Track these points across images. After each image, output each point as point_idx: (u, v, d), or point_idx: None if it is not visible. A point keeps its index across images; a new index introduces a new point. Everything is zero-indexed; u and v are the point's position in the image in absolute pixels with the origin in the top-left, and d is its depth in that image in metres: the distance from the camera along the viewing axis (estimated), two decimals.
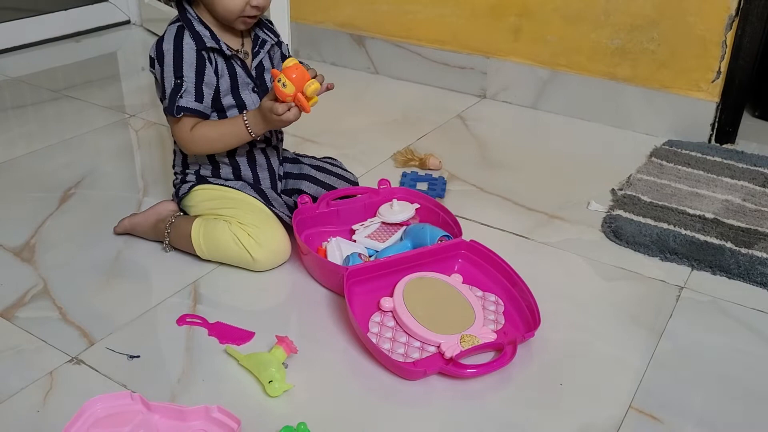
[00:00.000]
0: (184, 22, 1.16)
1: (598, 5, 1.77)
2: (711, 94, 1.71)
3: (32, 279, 1.17)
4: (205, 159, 1.24)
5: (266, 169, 1.28)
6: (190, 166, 1.26)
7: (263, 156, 1.27)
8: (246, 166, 1.25)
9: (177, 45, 1.14)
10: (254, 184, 1.26)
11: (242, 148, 1.23)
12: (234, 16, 1.14)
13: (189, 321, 1.08)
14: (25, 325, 1.07)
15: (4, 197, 1.43)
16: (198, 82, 1.14)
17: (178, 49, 1.14)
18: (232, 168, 1.25)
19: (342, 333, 1.07)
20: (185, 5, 1.17)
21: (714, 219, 1.38)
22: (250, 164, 1.26)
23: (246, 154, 1.25)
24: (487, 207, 1.45)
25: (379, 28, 2.13)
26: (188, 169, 1.26)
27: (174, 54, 1.14)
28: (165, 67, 1.14)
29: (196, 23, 1.16)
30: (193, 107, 1.14)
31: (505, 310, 1.12)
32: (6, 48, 2.25)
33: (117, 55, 2.37)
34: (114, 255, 1.25)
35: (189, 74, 1.13)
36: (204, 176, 1.25)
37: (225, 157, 1.24)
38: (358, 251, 1.20)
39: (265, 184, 1.28)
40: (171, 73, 1.14)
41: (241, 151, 1.24)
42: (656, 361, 1.04)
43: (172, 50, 1.14)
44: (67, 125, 1.76)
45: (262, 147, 1.26)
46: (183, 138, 1.17)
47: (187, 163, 1.26)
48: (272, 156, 1.29)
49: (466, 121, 1.87)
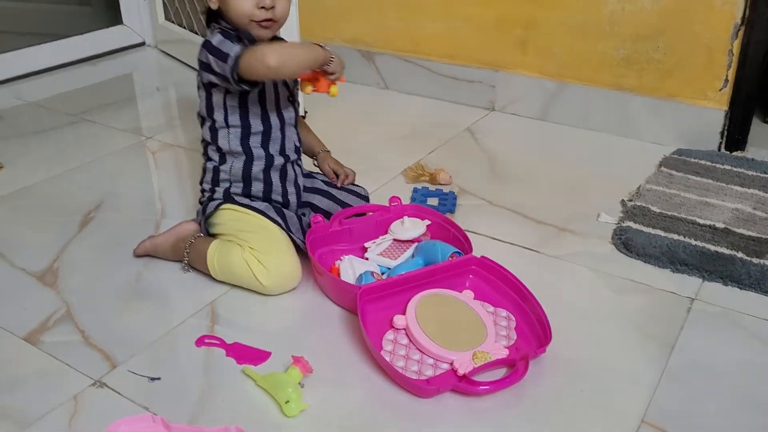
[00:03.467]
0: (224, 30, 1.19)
1: (602, 16, 1.79)
2: (719, 102, 1.72)
3: (55, 303, 1.21)
4: (239, 176, 1.27)
5: (294, 184, 1.32)
6: (220, 183, 1.28)
7: (293, 171, 1.31)
8: (278, 180, 1.29)
9: (225, 34, 1.17)
10: (282, 200, 1.30)
11: (277, 161, 1.27)
12: (246, 20, 1.17)
13: (207, 342, 1.11)
14: (49, 349, 1.10)
15: (27, 222, 1.47)
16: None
17: (226, 35, 1.17)
18: (264, 184, 1.28)
19: (356, 351, 1.10)
20: (220, 21, 1.21)
21: (724, 228, 1.39)
22: (282, 179, 1.29)
23: (280, 168, 1.28)
24: (497, 221, 1.46)
25: (387, 43, 2.16)
26: (218, 186, 1.29)
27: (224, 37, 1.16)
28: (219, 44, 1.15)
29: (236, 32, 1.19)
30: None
31: (516, 325, 1.14)
32: (25, 73, 2.30)
33: (133, 76, 2.42)
34: (134, 277, 1.28)
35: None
36: (233, 194, 1.28)
37: (260, 173, 1.27)
38: (371, 269, 1.23)
39: (292, 199, 1.32)
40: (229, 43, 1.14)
41: (276, 165, 1.28)
42: (668, 374, 1.05)
43: (220, 36, 1.16)
44: (85, 149, 1.80)
45: (294, 159, 1.30)
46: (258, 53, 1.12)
47: (218, 180, 1.28)
48: (298, 172, 1.33)
49: (475, 135, 1.89)
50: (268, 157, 1.27)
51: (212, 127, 1.26)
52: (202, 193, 1.32)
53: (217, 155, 1.28)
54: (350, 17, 2.20)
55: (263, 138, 1.26)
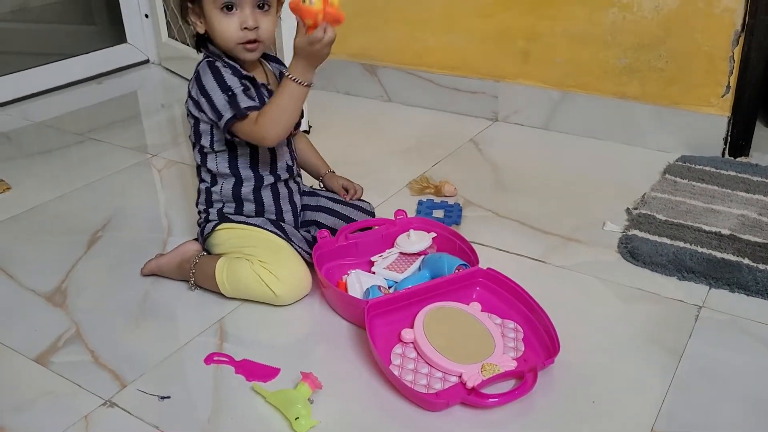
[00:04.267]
0: (213, 57, 1.21)
1: (603, 26, 1.80)
2: (722, 108, 1.72)
3: (65, 323, 1.22)
4: (229, 196, 1.28)
5: (288, 202, 1.32)
6: (213, 204, 1.30)
7: (286, 189, 1.31)
8: (270, 200, 1.29)
9: (215, 71, 1.19)
10: (276, 218, 1.30)
11: (267, 181, 1.28)
12: (232, 43, 1.19)
13: (216, 360, 1.12)
14: (59, 370, 1.11)
15: (35, 242, 1.49)
16: (245, 90, 1.18)
17: (217, 73, 1.19)
18: (255, 204, 1.29)
19: (365, 366, 1.10)
20: (209, 46, 1.23)
21: (730, 235, 1.39)
22: (275, 198, 1.30)
23: (270, 188, 1.29)
24: (503, 232, 1.47)
25: (390, 56, 2.17)
26: (211, 207, 1.30)
27: (215, 78, 1.18)
28: (211, 92, 1.18)
29: (225, 57, 1.21)
30: (253, 104, 1.17)
31: (524, 336, 1.14)
32: (31, 93, 2.32)
33: (138, 94, 2.44)
34: (142, 296, 1.29)
35: (235, 85, 1.18)
36: (226, 214, 1.29)
37: (250, 194, 1.28)
38: (378, 283, 1.23)
39: (288, 217, 1.32)
40: (219, 91, 1.17)
41: (266, 185, 1.28)
42: (677, 382, 1.05)
43: (212, 76, 1.19)
44: (92, 168, 1.82)
45: (285, 179, 1.31)
46: (255, 132, 1.16)
47: (211, 201, 1.30)
48: (294, 189, 1.33)
49: (479, 146, 1.90)
50: (257, 178, 1.27)
51: (201, 150, 1.27)
52: (198, 215, 1.34)
53: (209, 176, 1.29)
54: (353, 31, 2.21)
55: (251, 160, 1.26)
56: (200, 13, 1.20)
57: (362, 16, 2.17)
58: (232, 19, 1.17)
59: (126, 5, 2.57)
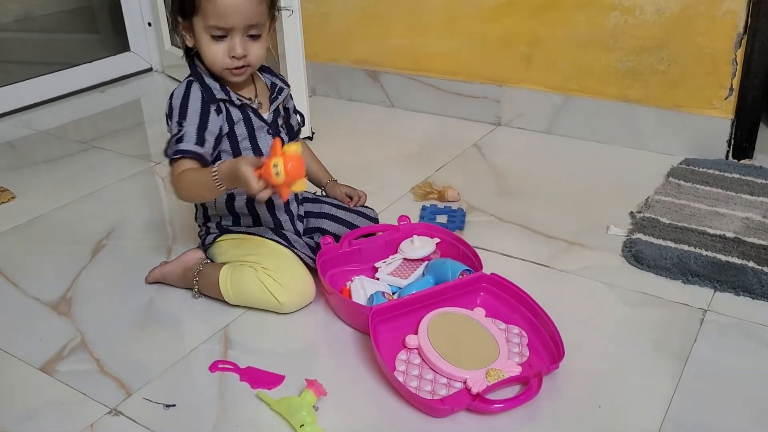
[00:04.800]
0: (194, 77, 1.21)
1: (605, 30, 1.80)
2: (725, 111, 1.72)
3: (70, 332, 1.22)
4: (225, 210, 1.28)
5: (285, 212, 1.32)
6: (211, 218, 1.31)
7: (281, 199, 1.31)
8: (265, 212, 1.29)
9: (185, 96, 1.20)
10: (275, 228, 1.30)
11: None
12: (219, 68, 1.19)
13: (221, 367, 1.12)
14: (65, 379, 1.11)
15: (40, 251, 1.49)
16: (201, 128, 1.18)
17: (184, 100, 1.19)
18: (252, 218, 1.29)
19: (370, 372, 1.10)
20: (196, 61, 1.23)
21: (735, 238, 1.38)
22: (269, 210, 1.30)
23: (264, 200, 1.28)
24: (506, 237, 1.47)
25: (392, 62, 2.18)
26: (210, 222, 1.31)
27: (180, 105, 1.19)
28: (172, 119, 1.20)
29: (207, 77, 1.21)
30: (192, 149, 1.16)
31: (529, 341, 1.14)
32: (35, 102, 2.33)
33: (141, 102, 2.45)
34: (147, 304, 1.29)
35: (192, 120, 1.18)
36: (225, 226, 1.29)
37: (244, 207, 1.28)
38: (382, 289, 1.23)
39: (287, 226, 1.32)
40: (175, 122, 1.19)
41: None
42: (683, 387, 1.05)
43: (179, 103, 1.19)
44: (96, 176, 1.82)
45: None
46: (171, 182, 1.19)
47: (208, 215, 1.31)
48: (290, 198, 1.33)
49: (482, 150, 1.90)
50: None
51: None
52: (199, 228, 1.34)
53: None
54: (355, 38, 2.22)
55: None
56: (190, 29, 1.19)
57: (364, 23, 2.17)
58: (221, 46, 1.17)
59: (129, 14, 2.58)
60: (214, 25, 1.15)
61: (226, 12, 1.14)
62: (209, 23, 1.15)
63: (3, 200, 1.69)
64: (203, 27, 1.16)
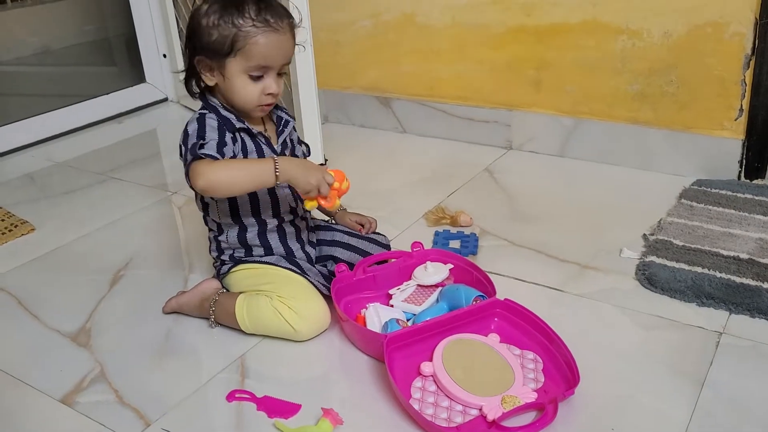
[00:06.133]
0: (209, 109, 1.23)
1: (613, 54, 1.81)
2: (735, 131, 1.72)
3: (89, 363, 1.24)
4: (237, 243, 1.30)
5: (297, 240, 1.34)
6: (224, 251, 1.33)
7: (292, 227, 1.33)
8: (277, 242, 1.31)
9: (200, 125, 1.21)
10: (288, 256, 1.32)
11: (271, 224, 1.30)
12: (252, 106, 1.22)
13: (238, 397, 1.13)
14: (84, 410, 1.12)
15: (59, 283, 1.51)
16: (220, 144, 1.18)
17: (200, 126, 1.20)
18: (264, 248, 1.31)
19: (385, 400, 1.10)
20: (208, 95, 1.26)
21: (749, 259, 1.38)
22: (281, 239, 1.31)
23: (276, 230, 1.31)
24: (519, 261, 1.47)
25: (403, 89, 2.20)
26: (223, 255, 1.33)
27: (197, 128, 1.20)
28: (188, 141, 1.19)
29: (222, 109, 1.24)
30: (215, 154, 1.15)
31: (544, 367, 1.14)
32: (54, 134, 2.38)
33: (156, 131, 2.49)
34: (164, 334, 1.30)
35: (211, 136, 1.18)
36: (239, 257, 1.31)
37: (256, 238, 1.30)
38: (396, 316, 1.24)
39: (299, 254, 1.33)
40: (195, 137, 1.18)
41: (271, 228, 1.30)
42: (699, 411, 1.04)
43: (195, 127, 1.20)
44: (113, 207, 1.85)
45: (290, 219, 1.32)
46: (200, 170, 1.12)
47: (221, 248, 1.33)
48: (301, 226, 1.35)
49: (494, 174, 1.91)
50: (260, 223, 1.29)
51: (202, 200, 1.30)
52: (214, 260, 1.36)
53: (215, 225, 1.32)
54: (366, 66, 2.25)
55: (252, 207, 1.28)
56: (214, 67, 1.20)
57: (375, 50, 2.21)
58: (257, 85, 1.19)
59: (144, 46, 2.64)
60: (257, 65, 1.18)
61: (271, 53, 1.18)
62: (251, 64, 1.17)
63: (23, 232, 1.73)
64: (242, 68, 1.18)
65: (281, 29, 1.18)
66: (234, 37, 1.16)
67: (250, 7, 1.16)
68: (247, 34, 1.16)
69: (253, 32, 1.16)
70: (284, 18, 1.20)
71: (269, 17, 1.17)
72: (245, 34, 1.16)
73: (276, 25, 1.17)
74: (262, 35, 1.16)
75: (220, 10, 1.17)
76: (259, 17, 1.16)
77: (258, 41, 1.16)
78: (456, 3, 2.01)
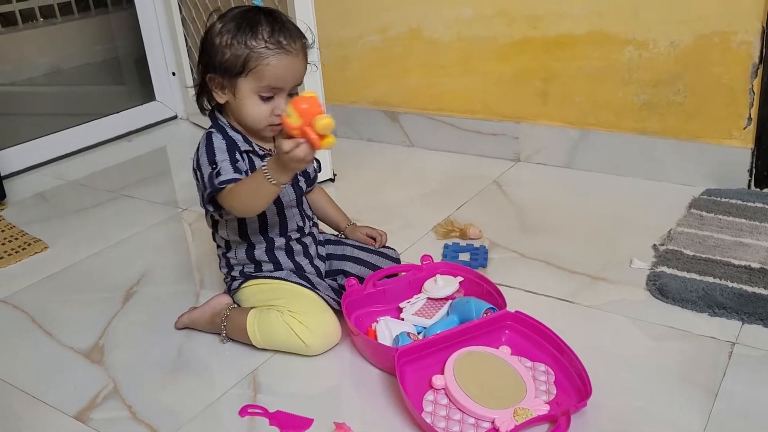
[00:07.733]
0: (217, 129, 1.25)
1: (620, 64, 1.82)
2: (744, 140, 1.72)
3: (103, 380, 1.24)
4: (245, 260, 1.31)
5: (305, 256, 1.34)
6: (234, 267, 1.34)
7: (300, 245, 1.34)
8: (285, 258, 1.32)
9: (208, 146, 1.22)
10: (298, 271, 1.32)
11: (278, 242, 1.30)
12: (261, 125, 1.22)
13: (251, 412, 1.13)
14: (98, 426, 1.13)
15: (72, 300, 1.53)
16: (232, 162, 1.20)
17: (209, 148, 1.22)
18: (272, 264, 1.31)
19: (397, 414, 1.10)
20: (217, 114, 1.27)
21: (761, 268, 1.37)
22: (289, 256, 1.32)
23: (284, 247, 1.32)
24: (529, 273, 1.47)
25: (411, 103, 2.22)
26: (233, 271, 1.34)
27: (207, 152, 1.22)
28: (203, 166, 1.21)
29: (229, 129, 1.25)
30: (233, 177, 1.17)
31: (555, 379, 1.13)
32: (65, 153, 2.41)
33: (167, 149, 2.52)
34: (177, 350, 1.31)
35: (222, 157, 1.20)
36: (249, 273, 1.32)
37: (264, 255, 1.31)
38: (407, 330, 1.24)
39: (308, 269, 1.34)
40: (207, 164, 1.20)
41: (279, 245, 1.31)
42: (713, 422, 1.03)
43: (205, 151, 1.22)
44: (125, 224, 1.87)
45: (297, 237, 1.33)
46: (229, 205, 1.17)
47: (231, 265, 1.34)
48: (308, 242, 1.35)
49: (502, 187, 1.91)
50: (268, 241, 1.30)
51: (211, 217, 1.31)
52: (224, 276, 1.37)
53: (224, 242, 1.33)
54: (373, 80, 2.27)
55: (260, 225, 1.29)
56: (226, 85, 1.21)
57: (382, 65, 2.22)
58: (267, 106, 1.20)
59: (154, 64, 2.67)
60: (267, 86, 1.18)
61: (283, 75, 1.18)
62: (262, 84, 1.18)
63: (36, 251, 1.74)
64: (253, 88, 1.19)
65: (293, 51, 1.19)
66: (246, 57, 1.17)
67: (264, 28, 1.17)
68: (259, 55, 1.17)
69: (266, 54, 1.17)
70: (297, 40, 1.20)
71: (282, 39, 1.17)
72: (257, 55, 1.17)
73: (289, 47, 1.18)
74: (274, 57, 1.17)
75: (234, 29, 1.18)
76: (272, 39, 1.17)
77: (270, 63, 1.17)
78: (462, 17, 2.02)
